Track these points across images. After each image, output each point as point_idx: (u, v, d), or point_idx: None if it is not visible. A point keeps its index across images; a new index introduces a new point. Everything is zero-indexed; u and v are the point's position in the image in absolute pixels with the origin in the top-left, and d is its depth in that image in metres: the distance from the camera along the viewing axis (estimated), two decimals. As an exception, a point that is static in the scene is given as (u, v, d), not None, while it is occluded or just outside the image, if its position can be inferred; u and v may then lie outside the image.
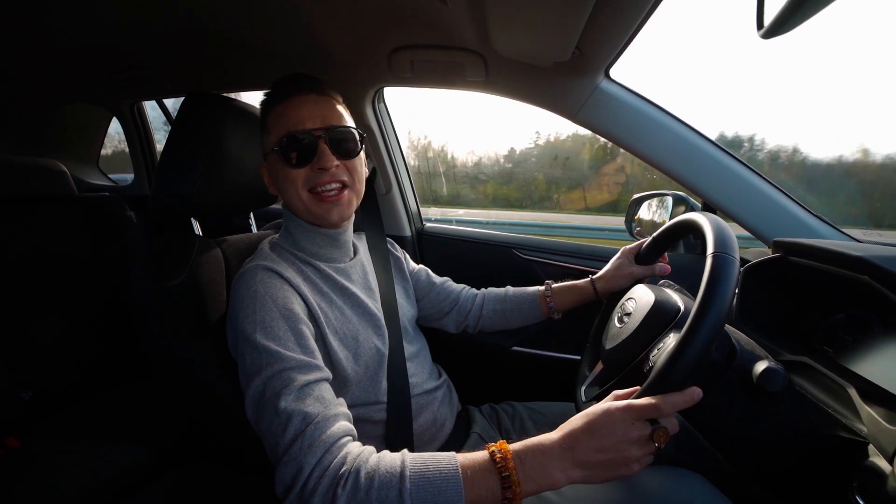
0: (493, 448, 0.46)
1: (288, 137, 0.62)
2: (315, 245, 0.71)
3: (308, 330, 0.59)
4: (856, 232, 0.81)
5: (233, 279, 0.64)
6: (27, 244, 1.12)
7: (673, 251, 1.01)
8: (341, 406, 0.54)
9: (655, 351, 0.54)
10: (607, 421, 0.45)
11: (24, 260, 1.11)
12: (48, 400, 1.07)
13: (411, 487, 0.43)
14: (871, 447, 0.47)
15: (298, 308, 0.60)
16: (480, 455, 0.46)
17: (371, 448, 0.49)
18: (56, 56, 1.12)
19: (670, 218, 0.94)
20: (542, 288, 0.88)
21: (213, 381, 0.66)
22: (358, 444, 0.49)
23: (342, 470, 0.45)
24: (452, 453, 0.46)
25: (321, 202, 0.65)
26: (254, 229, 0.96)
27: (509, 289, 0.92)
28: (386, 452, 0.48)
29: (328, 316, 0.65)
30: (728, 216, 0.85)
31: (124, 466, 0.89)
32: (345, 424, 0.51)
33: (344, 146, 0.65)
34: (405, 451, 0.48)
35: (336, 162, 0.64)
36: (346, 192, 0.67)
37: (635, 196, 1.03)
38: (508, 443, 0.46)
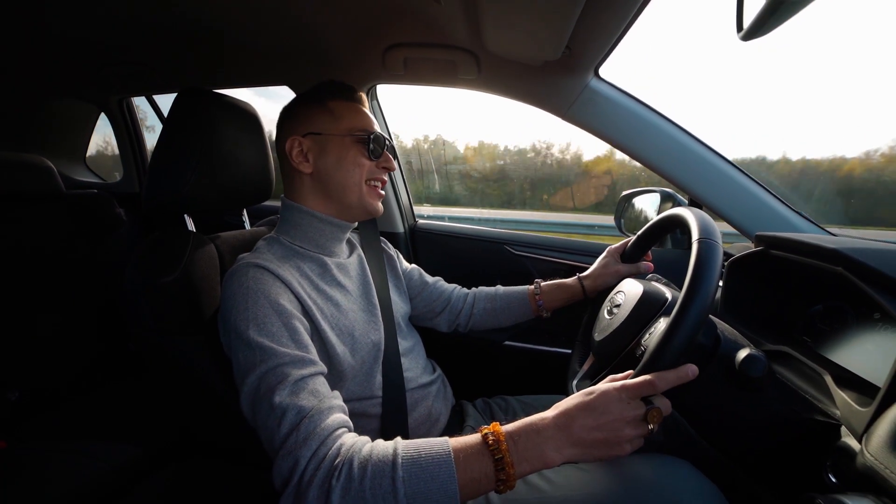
0: (485, 430, 0.46)
1: (371, 133, 0.72)
2: (324, 237, 0.72)
3: (301, 325, 0.59)
4: (832, 229, 0.84)
5: None
6: (13, 242, 1.10)
7: (661, 247, 1.03)
8: (336, 399, 0.54)
9: (647, 336, 0.56)
10: (603, 400, 0.46)
11: (9, 258, 1.08)
12: (36, 400, 1.05)
13: (404, 475, 0.43)
14: (843, 429, 0.49)
15: (291, 304, 0.60)
16: (473, 438, 0.46)
17: (365, 438, 0.49)
18: (42, 49, 1.10)
19: (658, 214, 0.97)
20: (532, 287, 0.89)
21: (208, 378, 0.66)
22: (353, 434, 0.50)
23: (336, 461, 0.45)
24: (445, 438, 0.47)
25: (375, 194, 0.74)
26: (247, 226, 0.96)
27: (499, 288, 0.93)
28: (379, 441, 0.48)
29: (324, 311, 0.65)
30: (714, 212, 0.87)
31: (117, 465, 0.88)
32: (340, 416, 0.51)
33: (394, 156, 0.78)
34: (398, 438, 0.48)
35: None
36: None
37: (624, 193, 1.05)
38: (502, 425, 0.47)
